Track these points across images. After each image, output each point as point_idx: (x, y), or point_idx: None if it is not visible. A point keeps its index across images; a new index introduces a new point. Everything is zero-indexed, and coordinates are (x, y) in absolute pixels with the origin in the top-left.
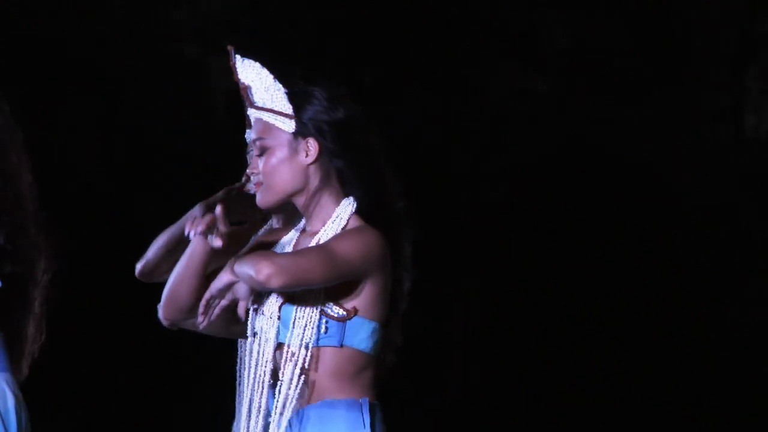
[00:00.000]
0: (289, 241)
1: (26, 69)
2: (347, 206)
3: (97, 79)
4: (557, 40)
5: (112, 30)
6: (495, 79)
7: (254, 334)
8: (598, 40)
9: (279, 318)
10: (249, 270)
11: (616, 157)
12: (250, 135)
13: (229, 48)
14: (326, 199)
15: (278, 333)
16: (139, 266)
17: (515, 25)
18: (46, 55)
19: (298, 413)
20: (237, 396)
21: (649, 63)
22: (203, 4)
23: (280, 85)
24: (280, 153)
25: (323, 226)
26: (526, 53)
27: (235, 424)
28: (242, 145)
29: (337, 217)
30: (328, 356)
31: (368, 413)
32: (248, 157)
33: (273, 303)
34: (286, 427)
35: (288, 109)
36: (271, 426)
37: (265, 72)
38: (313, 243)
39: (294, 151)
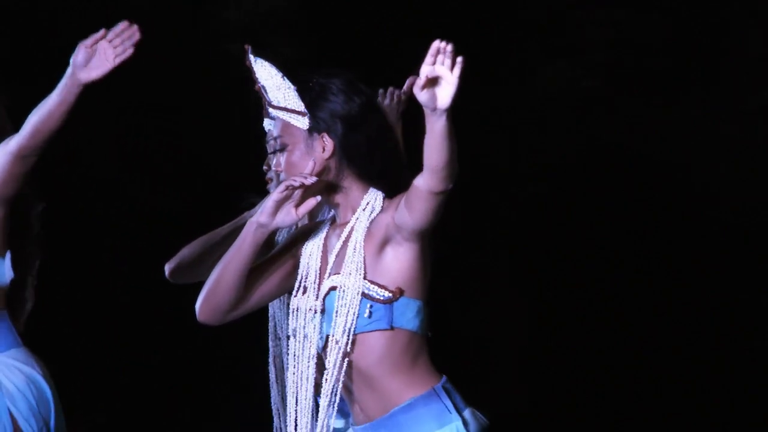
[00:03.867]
0: (319, 233)
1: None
2: (376, 193)
3: (144, 77)
4: (597, 38)
5: (159, 28)
6: (535, 76)
7: (293, 335)
8: (637, 39)
9: (323, 312)
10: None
11: (654, 155)
12: (267, 124)
13: (246, 47)
14: (351, 189)
15: (322, 327)
16: (171, 266)
17: (556, 22)
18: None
19: (375, 424)
20: (273, 394)
21: (688, 62)
22: (250, 2)
23: (289, 83)
24: (297, 150)
25: (353, 214)
26: (566, 52)
27: (276, 420)
28: None
29: (367, 204)
30: (380, 341)
31: (447, 398)
32: (267, 146)
33: (311, 299)
34: None
35: (300, 106)
36: (320, 416)
37: (274, 71)
38: (345, 233)
39: (310, 147)
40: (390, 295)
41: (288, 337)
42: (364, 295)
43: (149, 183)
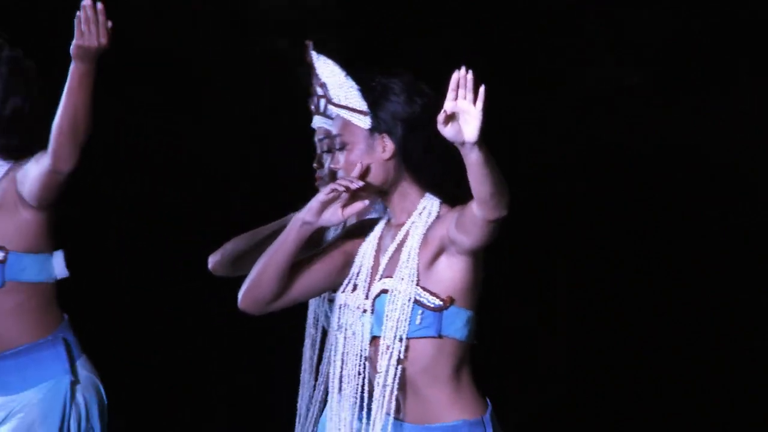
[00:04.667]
0: (373, 232)
1: (114, 63)
2: (433, 198)
3: (186, 71)
4: (597, 38)
5: (159, 28)
6: (534, 76)
7: (339, 331)
8: (638, 39)
9: (372, 311)
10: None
11: (654, 155)
12: (320, 122)
13: (307, 43)
14: (408, 191)
15: (372, 327)
16: (214, 258)
17: (556, 23)
18: (135, 49)
19: (415, 429)
20: (305, 390)
21: (688, 62)
22: (252, 1)
23: (353, 82)
24: (357, 149)
25: (409, 217)
26: (566, 52)
27: (299, 419)
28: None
29: (423, 209)
30: (426, 348)
31: (491, 428)
32: (319, 144)
33: (361, 297)
34: None
35: (362, 105)
36: (372, 417)
37: (337, 69)
38: (399, 236)
39: (371, 148)
40: (441, 303)
41: (324, 332)
42: (415, 301)
43: (149, 183)
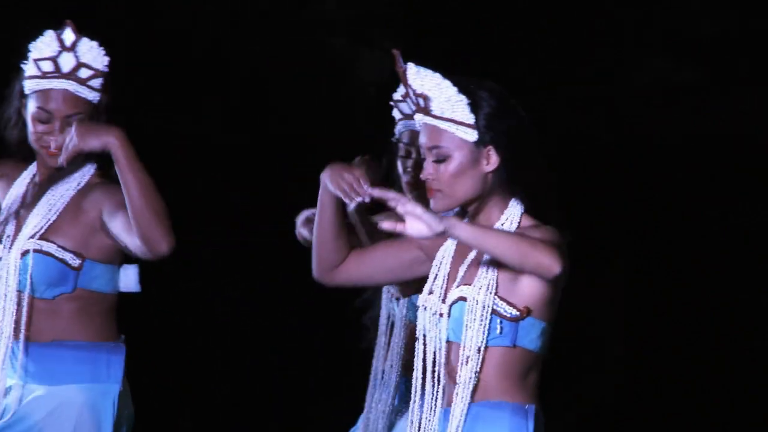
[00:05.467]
0: (450, 243)
1: (172, 60)
2: (515, 207)
3: (243, 70)
4: (596, 38)
5: (200, 22)
6: (534, 76)
7: (419, 337)
8: (636, 39)
9: (449, 316)
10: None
11: (654, 155)
12: (410, 126)
13: (395, 53)
14: (498, 202)
15: (448, 332)
16: (299, 231)
17: (556, 22)
18: (192, 45)
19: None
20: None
21: (688, 62)
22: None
23: (463, 96)
24: (461, 162)
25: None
26: (565, 51)
27: (366, 416)
28: (387, 136)
29: (506, 219)
30: (499, 355)
31: (533, 421)
32: (409, 150)
33: (437, 302)
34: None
35: (470, 119)
36: (450, 425)
37: (446, 83)
38: None
39: (475, 160)
40: (518, 313)
41: (392, 326)
42: (492, 311)
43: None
